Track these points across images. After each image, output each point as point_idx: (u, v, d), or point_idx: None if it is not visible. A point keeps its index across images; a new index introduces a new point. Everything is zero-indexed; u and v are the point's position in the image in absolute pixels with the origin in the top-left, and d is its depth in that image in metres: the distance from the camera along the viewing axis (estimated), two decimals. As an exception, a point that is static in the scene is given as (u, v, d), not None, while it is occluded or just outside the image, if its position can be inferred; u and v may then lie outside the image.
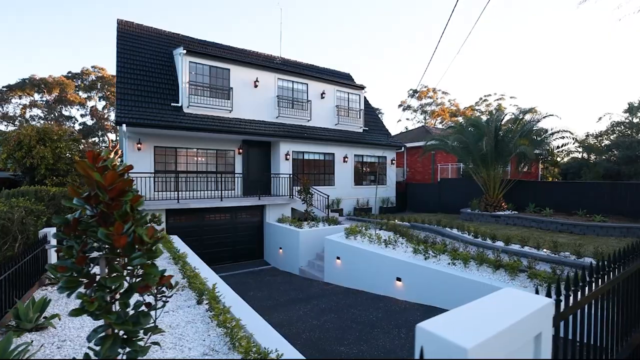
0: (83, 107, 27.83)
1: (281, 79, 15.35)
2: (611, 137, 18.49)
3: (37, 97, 25.57)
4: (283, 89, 15.44)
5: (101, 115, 28.24)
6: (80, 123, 28.23)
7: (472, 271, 6.30)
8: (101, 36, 50.22)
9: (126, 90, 12.40)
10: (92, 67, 27.13)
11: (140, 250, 1.94)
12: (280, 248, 12.07)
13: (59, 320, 4.06)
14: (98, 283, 1.85)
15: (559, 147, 12.95)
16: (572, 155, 19.94)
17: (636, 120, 17.67)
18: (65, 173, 8.18)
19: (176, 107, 12.93)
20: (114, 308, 1.95)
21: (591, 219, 10.47)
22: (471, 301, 1.43)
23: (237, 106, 14.03)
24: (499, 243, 8.17)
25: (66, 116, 27.57)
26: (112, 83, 26.02)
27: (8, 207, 4.79)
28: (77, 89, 26.92)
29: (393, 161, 18.33)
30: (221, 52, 14.98)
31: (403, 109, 39.50)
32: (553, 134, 12.20)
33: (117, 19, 14.78)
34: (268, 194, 14.39)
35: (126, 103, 11.98)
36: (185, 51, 12.85)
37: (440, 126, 34.22)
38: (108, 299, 1.86)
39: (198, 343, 3.62)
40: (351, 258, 8.69)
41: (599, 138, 19.23)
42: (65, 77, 25.44)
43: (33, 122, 23.93)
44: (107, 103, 28.14)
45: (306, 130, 15.49)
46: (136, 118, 11.48)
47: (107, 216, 1.95)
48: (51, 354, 3.36)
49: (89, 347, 1.97)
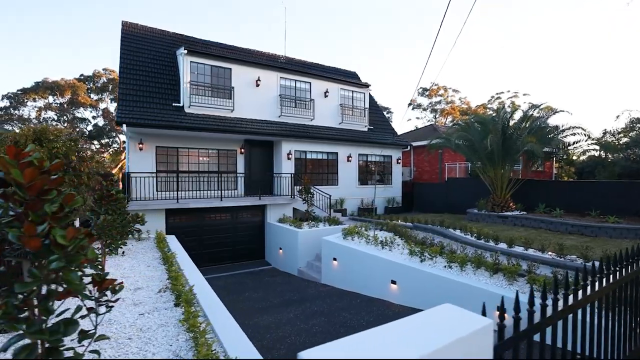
0: (95, 109, 28.47)
1: (283, 78, 15.21)
2: (630, 135, 17.56)
3: (51, 100, 26.33)
4: (285, 88, 15.29)
5: (112, 117, 28.81)
6: (93, 125, 28.91)
7: (469, 275, 5.99)
8: (101, 36, 50.67)
9: (128, 90, 12.50)
10: (104, 70, 27.77)
11: (58, 253, 1.80)
12: (280, 248, 11.94)
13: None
14: (6, 289, 1.71)
15: (571, 145, 12.32)
16: (589, 153, 19.11)
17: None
18: (62, 173, 8.22)
19: (177, 107, 12.97)
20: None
21: (604, 220, 9.93)
22: (467, 307, 1.21)
23: (239, 106, 13.97)
24: (502, 245, 7.78)
25: (80, 118, 28.28)
26: (123, 85, 26.42)
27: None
28: (89, 92, 27.58)
29: (399, 160, 17.95)
30: (223, 52, 14.96)
31: (413, 108, 38.86)
32: (564, 131, 11.62)
33: (122, 21, 14.94)
34: (271, 194, 14.29)
35: (127, 104, 12.07)
36: (186, 51, 12.87)
37: (450, 125, 33.39)
38: (17, 306, 1.72)
39: (164, 348, 3.48)
40: (347, 259, 8.45)
41: (617, 135, 18.30)
42: (77, 80, 26.11)
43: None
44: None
45: (309, 129, 15.32)
46: (137, 118, 11.55)
47: (26, 216, 1.83)
48: None
49: None
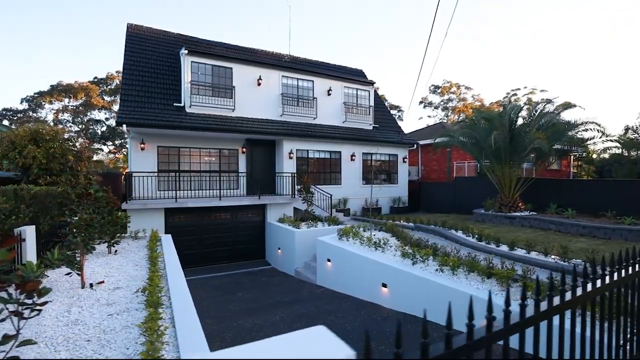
0: (109, 111, 29.22)
1: (285, 77, 15.07)
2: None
3: (66, 102, 27.18)
4: (287, 87, 15.15)
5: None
6: (107, 125, 29.70)
7: (460, 279, 5.65)
8: (102, 36, 51.44)
9: (130, 91, 12.64)
10: (116, 72, 28.43)
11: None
12: (279, 248, 11.80)
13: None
14: None
15: (584, 142, 11.60)
16: (610, 151, 18.12)
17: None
18: (59, 172, 8.33)
19: (178, 107, 13.03)
20: None
21: (620, 222, 9.30)
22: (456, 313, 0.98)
23: (240, 105, 13.92)
24: (503, 247, 7.38)
25: (94, 120, 29.10)
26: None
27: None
28: (102, 94, 28.32)
29: (405, 159, 17.51)
30: (224, 51, 14.95)
31: (424, 106, 38.07)
32: (576, 127, 10.94)
33: (127, 24, 15.16)
34: (273, 193, 14.17)
35: (129, 104, 12.21)
36: (187, 51, 12.90)
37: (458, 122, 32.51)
38: None
39: (120, 351, 3.36)
40: (340, 261, 8.21)
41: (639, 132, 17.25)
42: (90, 83, 26.87)
43: (60, 126, 25.34)
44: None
45: (312, 128, 15.12)
46: (137, 118, 11.65)
47: None
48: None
49: None
